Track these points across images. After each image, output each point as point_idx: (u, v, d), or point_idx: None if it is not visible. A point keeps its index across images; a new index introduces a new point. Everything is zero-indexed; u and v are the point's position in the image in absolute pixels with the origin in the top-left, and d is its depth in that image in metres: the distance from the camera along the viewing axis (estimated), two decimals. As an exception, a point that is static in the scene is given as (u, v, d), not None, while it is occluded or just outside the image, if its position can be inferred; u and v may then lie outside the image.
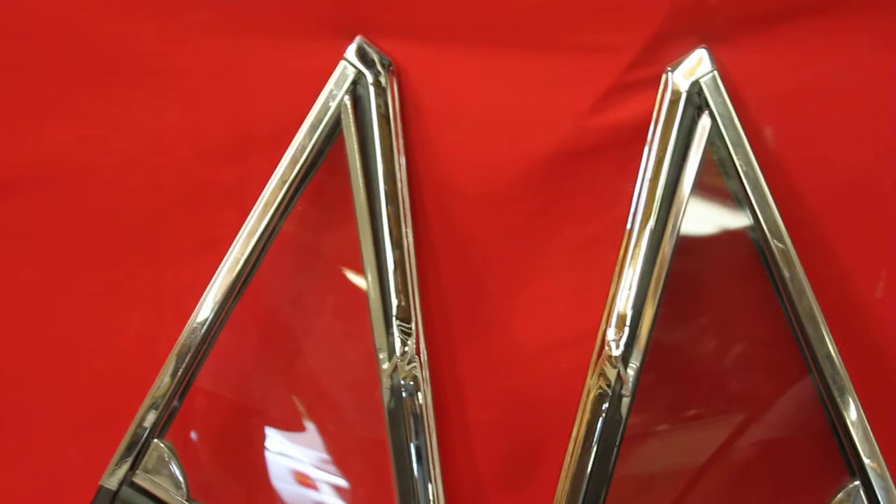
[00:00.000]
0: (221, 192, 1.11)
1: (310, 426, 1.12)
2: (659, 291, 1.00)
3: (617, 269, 1.02)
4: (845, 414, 1.00)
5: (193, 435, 1.12)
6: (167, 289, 1.13)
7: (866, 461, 1.00)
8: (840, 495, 1.01)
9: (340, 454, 1.11)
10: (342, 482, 1.12)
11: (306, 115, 1.03)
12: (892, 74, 1.02)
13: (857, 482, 1.00)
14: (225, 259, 1.03)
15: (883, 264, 1.06)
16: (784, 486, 1.07)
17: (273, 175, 1.03)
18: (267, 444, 1.12)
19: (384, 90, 1.04)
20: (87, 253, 1.15)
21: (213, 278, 1.03)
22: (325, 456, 1.12)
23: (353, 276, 1.09)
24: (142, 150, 1.11)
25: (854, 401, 0.99)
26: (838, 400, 1.00)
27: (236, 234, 1.03)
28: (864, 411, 0.99)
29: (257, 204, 1.03)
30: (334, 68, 1.04)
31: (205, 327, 1.04)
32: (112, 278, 1.15)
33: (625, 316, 1.01)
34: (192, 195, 1.11)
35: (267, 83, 1.07)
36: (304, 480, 1.12)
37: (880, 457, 0.99)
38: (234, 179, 1.10)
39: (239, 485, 1.11)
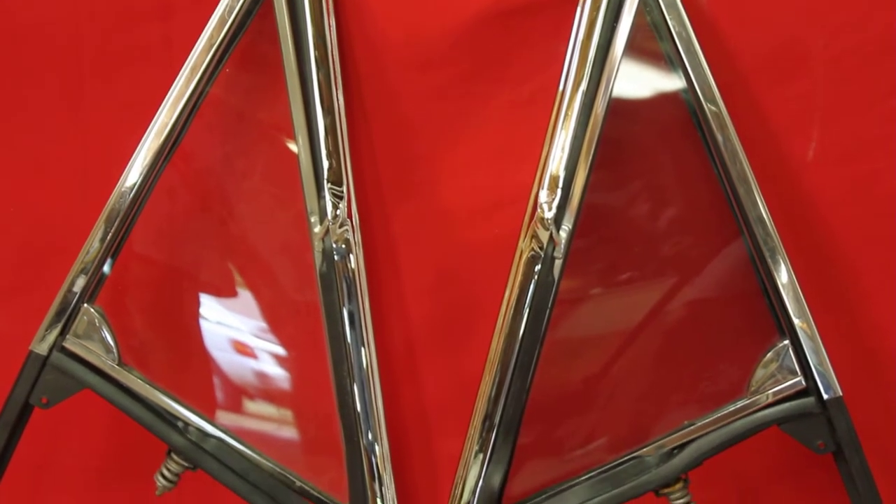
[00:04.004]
0: (146, 52, 1.09)
1: (242, 291, 1.11)
2: (592, 153, 1.00)
3: (549, 130, 1.02)
4: (776, 275, 1.00)
5: (124, 300, 1.11)
6: (93, 152, 1.12)
7: (796, 321, 1.00)
8: (769, 354, 1.02)
9: (273, 319, 1.10)
10: (274, 347, 1.11)
11: (233, -26, 1.01)
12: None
13: (786, 341, 1.01)
14: (153, 122, 1.02)
15: (814, 125, 1.06)
16: (715, 346, 1.08)
17: (200, 37, 1.01)
18: (199, 309, 1.11)
19: (313, -52, 1.03)
20: (7, 116, 1.13)
21: (141, 142, 1.02)
22: (258, 320, 1.11)
23: (283, 140, 1.07)
24: (62, 10, 1.09)
25: (785, 262, 1.00)
26: (769, 261, 1.00)
27: (163, 96, 1.01)
28: (794, 272, 1.00)
29: (184, 67, 1.01)
30: (262, -75, 1.02)
31: (133, 191, 1.02)
32: (35, 141, 1.13)
33: (557, 178, 1.00)
34: (115, 56, 1.09)
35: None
36: (235, 344, 1.11)
37: (810, 317, 1.00)
38: (159, 40, 1.08)
39: (170, 349, 1.11)
